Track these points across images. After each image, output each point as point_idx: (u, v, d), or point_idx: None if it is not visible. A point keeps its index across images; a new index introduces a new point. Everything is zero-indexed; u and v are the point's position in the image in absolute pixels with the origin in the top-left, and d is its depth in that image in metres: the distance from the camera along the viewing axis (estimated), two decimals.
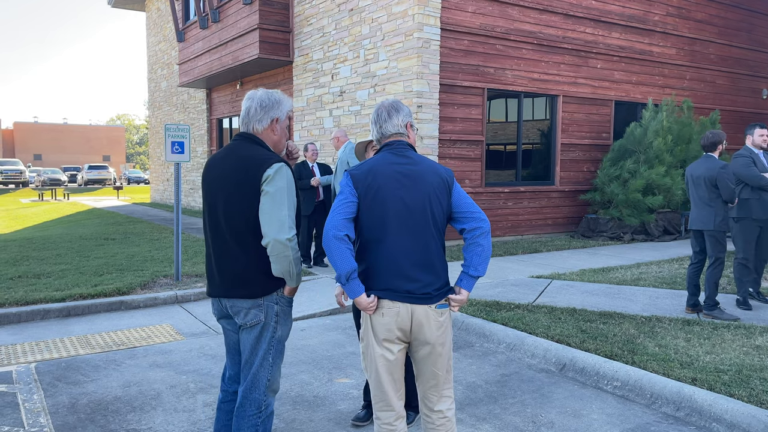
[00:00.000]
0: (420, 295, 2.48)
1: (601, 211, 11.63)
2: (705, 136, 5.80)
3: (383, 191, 2.47)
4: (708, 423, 3.64)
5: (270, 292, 2.60)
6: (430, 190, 2.52)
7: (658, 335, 5.07)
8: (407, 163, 2.53)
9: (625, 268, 8.31)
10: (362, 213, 2.49)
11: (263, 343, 2.64)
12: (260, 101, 2.68)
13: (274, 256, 2.50)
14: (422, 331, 2.51)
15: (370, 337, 2.54)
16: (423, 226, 2.50)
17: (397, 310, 2.47)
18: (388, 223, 2.47)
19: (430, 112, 10.01)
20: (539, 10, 11.20)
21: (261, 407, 2.66)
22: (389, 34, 10.38)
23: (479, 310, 5.94)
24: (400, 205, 2.48)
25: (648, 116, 11.67)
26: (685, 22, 13.38)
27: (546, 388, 4.25)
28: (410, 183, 2.50)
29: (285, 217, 2.49)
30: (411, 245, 2.48)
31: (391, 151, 2.57)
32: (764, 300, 6.23)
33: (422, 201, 2.50)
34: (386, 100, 2.70)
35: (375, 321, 2.52)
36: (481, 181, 10.90)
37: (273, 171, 2.51)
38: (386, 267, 2.48)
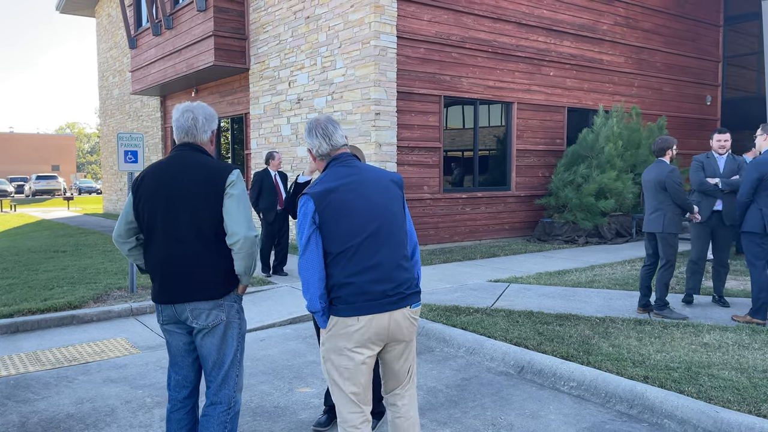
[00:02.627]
0: (396, 298, 2.54)
1: (556, 215, 11.89)
2: (655, 141, 6.01)
3: (349, 204, 2.51)
4: (660, 420, 3.76)
5: (229, 291, 2.74)
6: (388, 193, 2.62)
7: (612, 335, 5.21)
8: (361, 172, 2.60)
9: (579, 270, 8.51)
10: (329, 230, 2.50)
11: (231, 341, 2.77)
12: (204, 113, 2.81)
13: (243, 253, 2.63)
14: (401, 331, 2.58)
15: (343, 341, 2.53)
16: (391, 229, 2.58)
17: (372, 315, 2.51)
18: (359, 233, 2.50)
19: (388, 119, 10.07)
20: (493, 18, 11.42)
21: (231, 404, 2.78)
22: (346, 41, 10.41)
23: (439, 315, 5.99)
24: (368, 212, 2.54)
25: (599, 122, 12.01)
26: (633, 31, 13.85)
27: (505, 391, 4.32)
28: (371, 191, 2.57)
29: (249, 216, 2.68)
30: (383, 250, 2.54)
31: (340, 164, 2.62)
32: (724, 303, 6.35)
33: (384, 205, 2.58)
34: (319, 117, 2.75)
35: (352, 327, 2.54)
36: (439, 188, 11.01)
37: (235, 176, 2.71)
38: (362, 276, 2.51)
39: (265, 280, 8.01)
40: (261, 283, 7.85)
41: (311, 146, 2.68)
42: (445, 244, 11.17)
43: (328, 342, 2.55)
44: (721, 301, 6.32)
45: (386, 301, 2.51)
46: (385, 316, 2.51)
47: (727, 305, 6.28)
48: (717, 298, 6.37)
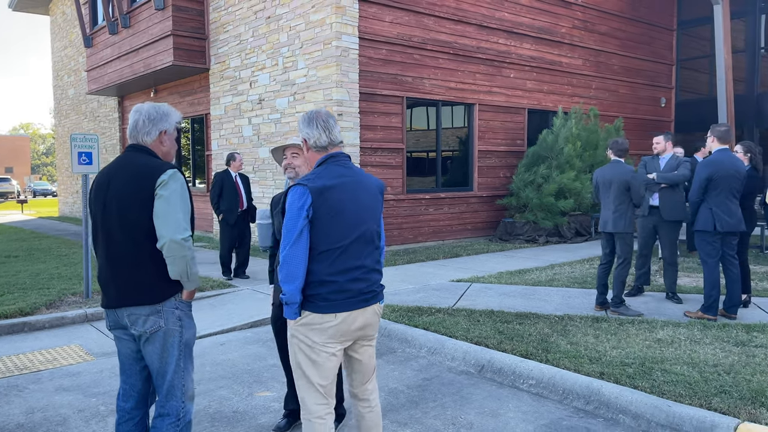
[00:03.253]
0: (370, 295, 2.66)
1: (518, 215, 12.05)
2: (614, 142, 6.12)
3: (343, 204, 2.57)
4: (615, 415, 3.84)
5: (168, 297, 2.65)
6: (375, 199, 2.72)
7: (570, 333, 5.30)
8: (355, 175, 2.66)
9: (540, 269, 8.64)
10: (321, 227, 2.55)
11: (173, 350, 2.68)
12: (147, 114, 2.73)
13: (171, 257, 2.56)
14: (372, 327, 2.71)
15: (317, 336, 2.58)
16: (374, 234, 2.70)
17: (350, 312, 2.60)
18: (349, 234, 2.58)
19: (350, 120, 10.05)
20: (454, 20, 11.51)
21: (179, 415, 2.71)
22: (307, 42, 10.35)
23: (401, 315, 6.00)
24: (357, 215, 2.61)
25: (558, 124, 12.22)
26: (591, 34, 14.14)
27: (465, 390, 4.35)
28: (362, 195, 2.64)
29: (180, 218, 2.56)
30: (366, 253, 2.65)
31: (337, 163, 2.66)
32: (677, 300, 6.55)
33: (371, 210, 2.68)
34: (319, 109, 2.77)
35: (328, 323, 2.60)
36: (402, 188, 11.04)
37: (167, 176, 2.60)
38: (345, 275, 2.58)
39: (226, 283, 7.89)
40: (221, 287, 7.74)
41: (309, 137, 2.68)
42: (409, 244, 11.21)
43: (300, 334, 2.59)
44: (674, 298, 6.51)
45: (362, 299, 2.63)
46: (359, 312, 2.62)
47: (680, 301, 6.46)
48: (670, 295, 6.56)
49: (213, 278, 8.25)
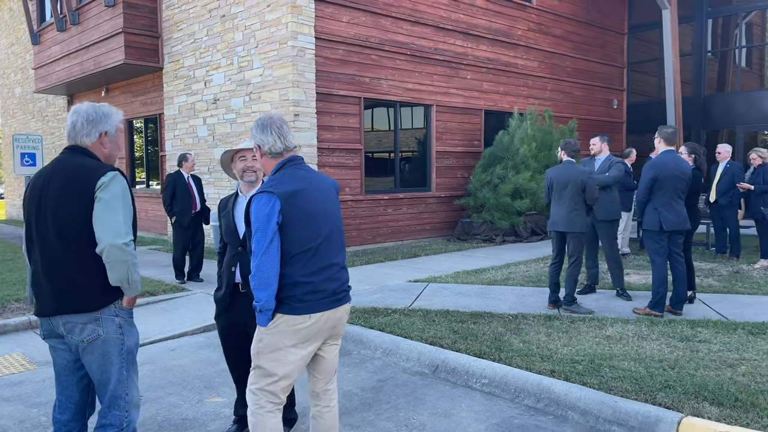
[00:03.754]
0: (342, 295, 2.72)
1: (475, 215, 12.17)
2: (568, 142, 6.23)
3: (310, 207, 2.60)
4: (564, 411, 3.90)
5: (107, 304, 2.56)
6: (335, 199, 2.77)
7: (523, 331, 5.37)
8: (315, 177, 2.70)
9: (496, 268, 8.74)
10: (292, 231, 2.57)
11: (114, 358, 2.59)
12: (86, 115, 2.63)
13: (110, 262, 2.48)
14: (341, 326, 2.77)
15: (288, 338, 2.60)
16: (339, 233, 2.74)
17: (323, 312, 2.64)
18: (318, 235, 2.62)
19: (307, 120, 9.97)
20: (411, 21, 11.55)
21: (122, 425, 2.63)
22: (263, 41, 10.22)
23: (357, 317, 5.97)
24: (324, 215, 2.66)
25: (514, 125, 12.40)
26: (545, 37, 14.39)
27: (419, 391, 4.35)
28: (323, 195, 2.69)
29: (120, 222, 2.48)
30: (334, 252, 2.70)
31: (296, 167, 2.68)
32: (626, 296, 6.70)
33: (334, 209, 2.73)
34: (271, 114, 2.77)
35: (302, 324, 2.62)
36: (361, 189, 11.01)
37: (108, 179, 2.51)
38: (319, 275, 2.62)
39: (179, 287, 7.72)
40: (174, 290, 7.56)
41: (264, 143, 2.68)
42: (368, 245, 11.19)
43: (270, 338, 2.59)
44: (623, 294, 6.68)
45: (335, 298, 2.68)
46: (332, 312, 2.67)
47: (629, 298, 6.63)
48: (620, 292, 6.73)
49: (166, 282, 8.06)
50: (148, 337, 5.73)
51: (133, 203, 2.64)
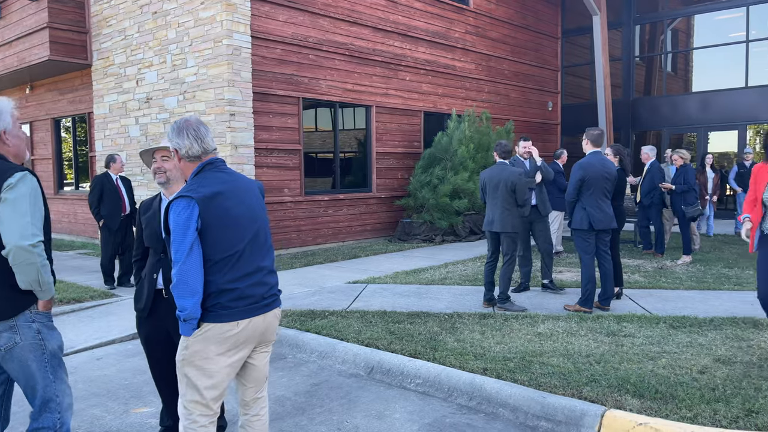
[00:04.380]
0: (270, 300, 2.64)
1: (415, 215, 12.26)
2: (499, 144, 6.35)
3: (232, 210, 2.52)
4: (495, 409, 3.96)
5: (21, 310, 2.48)
6: (259, 201, 2.69)
7: (458, 330, 5.43)
8: (237, 179, 2.62)
9: (434, 268, 8.82)
10: (213, 236, 2.48)
11: (36, 364, 2.53)
12: None
13: (17, 265, 2.39)
14: (272, 332, 2.68)
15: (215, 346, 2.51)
16: (265, 236, 2.67)
17: (251, 318, 2.56)
18: (242, 239, 2.53)
19: (244, 120, 9.79)
20: (350, 22, 11.53)
21: (56, 427, 2.59)
22: (197, 39, 9.97)
23: (293, 320, 5.90)
24: (248, 218, 2.58)
25: (452, 126, 12.56)
26: (482, 40, 14.66)
27: (354, 393, 4.33)
28: (246, 197, 2.60)
29: (27, 223, 2.39)
30: (261, 255, 2.62)
31: (217, 169, 2.59)
32: (556, 289, 7.00)
33: (258, 212, 2.65)
34: (188, 117, 2.68)
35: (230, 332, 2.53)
36: (300, 190, 10.90)
37: (15, 179, 2.42)
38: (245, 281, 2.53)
39: (108, 293, 7.43)
40: (102, 296, 7.27)
41: (181, 147, 2.58)
42: (308, 246, 11.09)
43: (196, 346, 2.49)
44: (550, 287, 6.99)
45: (263, 304, 2.59)
46: (261, 318, 2.59)
47: (557, 290, 6.95)
48: (546, 284, 7.00)
49: (94, 288, 7.74)
50: (72, 346, 5.48)
51: (45, 204, 2.55)
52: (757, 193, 4.38)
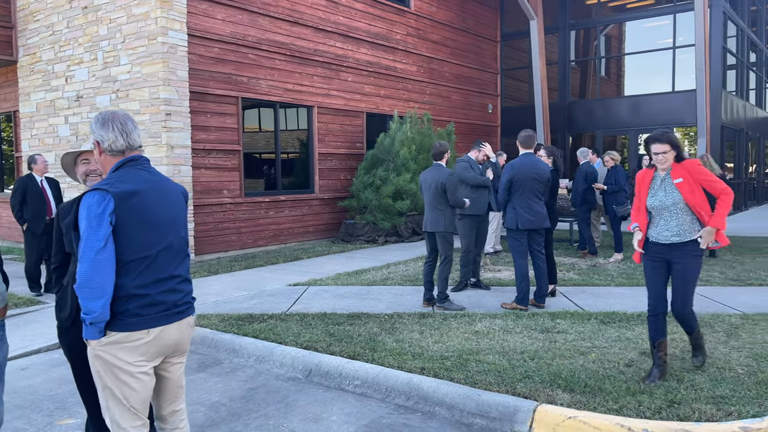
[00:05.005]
0: (184, 307, 2.53)
1: (358, 216, 12.26)
2: (434, 146, 6.44)
3: (150, 210, 2.41)
4: (432, 408, 4.00)
5: None
6: (181, 206, 2.59)
7: (398, 331, 5.46)
8: (160, 180, 2.52)
9: (376, 269, 8.84)
10: (127, 235, 2.35)
11: None
12: None
13: None
14: (185, 341, 2.56)
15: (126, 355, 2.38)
16: (182, 242, 2.56)
17: (163, 326, 2.45)
18: (158, 242, 2.43)
19: (180, 120, 9.54)
20: (290, 22, 11.42)
21: None
22: (130, 36, 9.65)
23: (231, 324, 5.78)
24: (167, 222, 2.48)
25: (394, 127, 12.63)
26: (423, 42, 14.81)
27: (291, 397, 4.28)
28: (167, 200, 2.51)
29: None
30: (176, 262, 2.51)
31: (139, 167, 2.48)
32: (485, 287, 7.18)
33: (179, 217, 2.55)
34: (115, 110, 2.56)
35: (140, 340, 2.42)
36: (240, 192, 10.71)
37: None
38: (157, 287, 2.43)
39: (34, 300, 7.09)
40: (28, 304, 6.93)
41: (104, 140, 2.46)
42: (249, 249, 10.91)
43: (107, 355, 2.36)
44: (480, 285, 7.22)
45: (177, 311, 2.49)
46: (174, 326, 2.48)
47: (486, 287, 7.22)
48: (475, 282, 7.24)
49: (19, 295, 7.36)
50: None
51: None
52: (641, 200, 4.23)
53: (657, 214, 4.14)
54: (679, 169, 4.07)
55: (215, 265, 9.37)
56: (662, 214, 4.10)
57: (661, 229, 4.11)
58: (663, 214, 4.10)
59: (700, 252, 4.05)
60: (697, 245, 4.03)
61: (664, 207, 4.07)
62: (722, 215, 3.95)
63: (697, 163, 4.09)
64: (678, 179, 4.04)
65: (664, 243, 4.10)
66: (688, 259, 4.03)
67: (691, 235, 4.04)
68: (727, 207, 3.96)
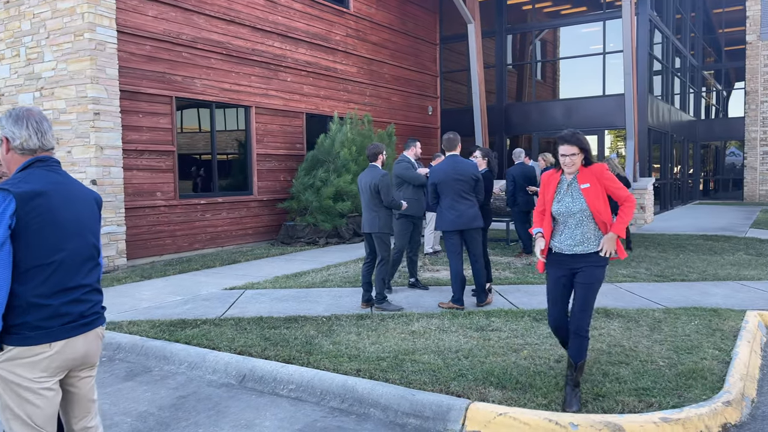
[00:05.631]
0: (92, 318, 2.39)
1: (299, 218, 12.14)
2: (368, 148, 6.45)
3: (56, 213, 2.27)
4: (367, 409, 3.98)
5: None
6: (91, 211, 2.46)
7: (335, 333, 5.42)
8: (69, 183, 2.39)
9: (316, 271, 8.76)
10: (29, 239, 2.19)
11: None
12: None
13: None
14: (94, 353, 2.42)
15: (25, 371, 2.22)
16: (91, 250, 2.42)
17: (68, 339, 2.31)
18: (63, 248, 2.29)
19: (110, 120, 9.18)
20: (226, 20, 11.19)
21: None
22: (55, 32, 9.23)
23: (162, 330, 5.60)
24: (74, 227, 2.33)
25: (335, 129, 12.58)
26: (363, 43, 14.82)
27: (223, 404, 4.18)
28: (76, 204, 2.38)
29: None
30: (84, 271, 2.38)
31: (47, 168, 2.35)
32: (424, 287, 7.23)
33: (89, 223, 2.43)
34: (30, 107, 2.41)
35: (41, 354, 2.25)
36: (174, 193, 10.41)
37: None
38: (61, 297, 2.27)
39: None
40: None
41: (15, 137, 2.31)
42: (184, 252, 10.62)
43: (3, 371, 2.19)
44: (418, 285, 7.30)
45: (83, 323, 2.34)
46: (80, 338, 2.33)
47: (424, 287, 7.27)
48: (413, 282, 7.30)
49: None
50: None
51: None
52: (546, 204, 3.94)
53: (562, 222, 3.85)
54: (587, 174, 3.80)
55: (148, 270, 9.07)
56: (567, 221, 3.81)
57: (565, 237, 3.82)
58: (568, 222, 3.81)
59: (605, 262, 3.79)
60: (601, 256, 3.75)
61: (570, 214, 3.78)
62: (625, 223, 3.73)
63: (606, 168, 3.82)
64: (585, 184, 3.77)
65: (568, 253, 3.81)
66: (591, 270, 3.75)
67: (596, 245, 3.77)
68: (629, 215, 3.73)
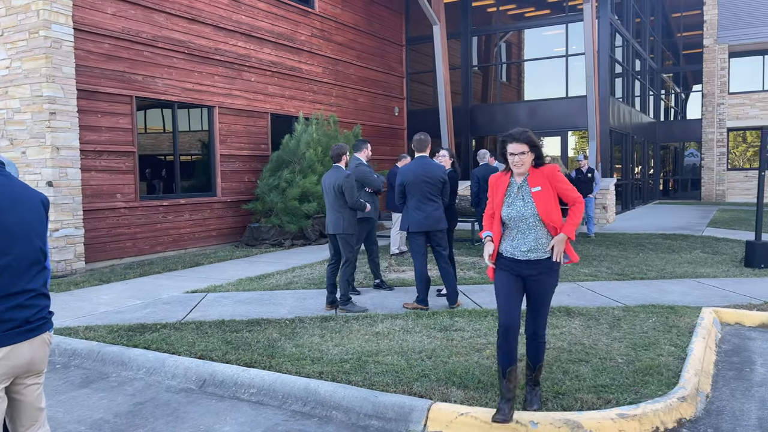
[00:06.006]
0: (38, 324, 2.33)
1: (264, 219, 12.01)
2: (332, 148, 6.41)
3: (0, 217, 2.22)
4: (329, 412, 3.95)
5: None
6: (38, 214, 2.40)
7: (298, 335, 5.36)
8: (14, 185, 2.33)
9: (281, 273, 8.68)
10: None
11: None
12: None
13: None
14: (41, 360, 2.36)
15: None
16: (37, 253, 2.36)
17: (13, 346, 2.24)
18: (6, 252, 2.23)
19: (67, 120, 8.93)
20: (188, 19, 11.01)
21: None
22: (9, 29, 8.93)
23: (120, 336, 5.46)
24: (20, 230, 2.26)
25: (300, 129, 12.48)
26: (328, 44, 14.75)
27: (182, 409, 4.09)
28: (20, 207, 2.31)
29: None
30: (29, 276, 2.31)
31: None
32: (388, 288, 7.24)
33: (35, 225, 2.36)
34: None
35: None
36: (135, 195, 10.19)
37: None
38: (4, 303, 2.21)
39: None
40: None
41: None
42: (145, 255, 10.39)
43: None
44: (383, 285, 7.33)
45: (28, 328, 2.28)
46: (25, 345, 2.27)
47: (389, 288, 7.30)
48: (378, 283, 7.34)
49: None
50: None
51: None
52: (495, 208, 3.71)
53: (513, 226, 3.62)
54: (537, 176, 3.59)
55: (107, 274, 8.85)
56: (519, 226, 3.59)
57: (518, 243, 3.60)
58: (520, 227, 3.59)
59: (557, 267, 3.63)
60: (553, 261, 3.58)
61: (521, 218, 3.57)
62: (575, 224, 3.56)
63: (557, 169, 3.63)
64: (536, 187, 3.57)
65: (521, 259, 3.59)
66: (545, 276, 3.59)
67: (549, 250, 3.60)
68: (579, 216, 3.59)
